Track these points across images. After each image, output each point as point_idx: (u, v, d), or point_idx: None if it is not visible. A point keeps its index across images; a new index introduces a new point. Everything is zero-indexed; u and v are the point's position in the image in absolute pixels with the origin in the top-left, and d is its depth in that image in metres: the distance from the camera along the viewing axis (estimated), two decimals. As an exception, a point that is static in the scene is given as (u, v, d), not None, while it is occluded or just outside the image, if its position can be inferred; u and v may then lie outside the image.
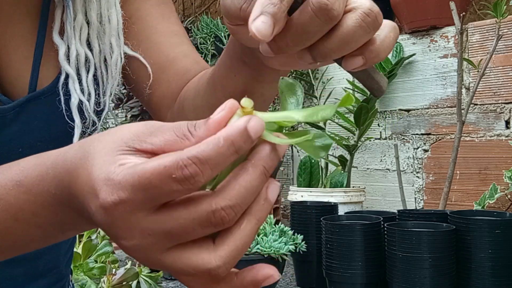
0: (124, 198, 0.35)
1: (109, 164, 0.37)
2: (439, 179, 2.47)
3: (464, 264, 1.63)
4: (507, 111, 2.28)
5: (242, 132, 0.36)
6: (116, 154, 0.37)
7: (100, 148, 0.39)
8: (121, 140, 0.38)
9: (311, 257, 2.00)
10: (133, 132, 0.38)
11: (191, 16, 4.78)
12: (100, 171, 0.37)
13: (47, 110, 0.67)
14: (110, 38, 0.70)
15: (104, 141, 0.39)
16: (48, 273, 0.76)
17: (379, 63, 2.63)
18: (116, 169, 0.36)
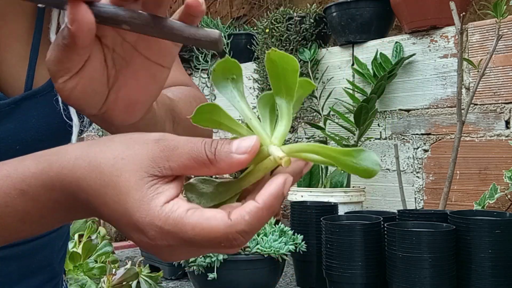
0: (174, 244, 0.40)
1: (147, 205, 0.40)
2: (439, 179, 2.47)
3: (464, 264, 1.63)
4: (507, 111, 2.28)
5: (281, 198, 0.39)
6: (146, 188, 0.40)
7: (124, 179, 0.41)
8: (141, 169, 0.40)
9: (311, 257, 2.00)
10: (150, 158, 0.41)
11: (191, 16, 4.76)
12: (142, 213, 0.40)
13: (44, 109, 0.68)
14: None
15: (125, 170, 0.41)
16: (43, 270, 0.77)
17: (379, 63, 2.64)
18: (160, 215, 0.39)
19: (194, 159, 0.40)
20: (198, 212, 0.39)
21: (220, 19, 3.78)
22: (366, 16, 2.76)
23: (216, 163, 0.40)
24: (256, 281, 1.81)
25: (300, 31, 3.00)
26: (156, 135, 0.42)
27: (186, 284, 2.14)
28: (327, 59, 2.99)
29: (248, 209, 0.38)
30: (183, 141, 0.41)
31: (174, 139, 0.41)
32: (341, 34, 2.85)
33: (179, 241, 0.39)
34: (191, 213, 0.39)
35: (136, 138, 0.42)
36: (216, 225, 0.38)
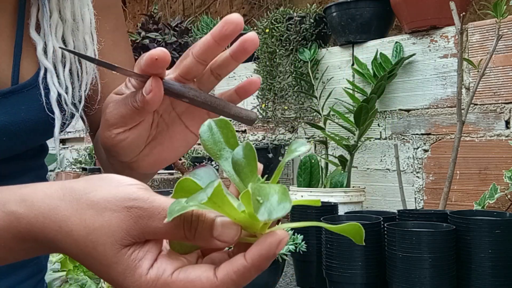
0: None
1: (132, 276, 0.39)
2: (439, 179, 2.47)
3: (464, 264, 1.63)
4: (507, 111, 2.28)
5: (271, 258, 0.38)
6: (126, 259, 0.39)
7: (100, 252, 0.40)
8: (116, 242, 0.39)
9: (311, 257, 2.00)
10: (124, 230, 0.39)
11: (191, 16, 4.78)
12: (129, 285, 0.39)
13: (31, 102, 0.70)
14: (84, 35, 0.74)
15: (99, 243, 0.40)
16: (30, 263, 0.78)
17: (379, 63, 2.64)
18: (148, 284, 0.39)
19: (171, 236, 0.39)
20: (182, 274, 0.38)
21: (220, 19, 3.77)
22: (366, 16, 2.76)
23: (194, 242, 0.39)
24: (256, 281, 1.80)
25: (300, 31, 3.00)
26: (125, 198, 0.40)
27: None
28: (327, 59, 2.99)
29: (235, 268, 0.38)
30: (156, 207, 0.39)
31: (147, 206, 0.39)
32: (341, 34, 2.85)
33: None
34: (176, 276, 0.38)
35: (104, 202, 0.40)
36: (201, 287, 0.38)
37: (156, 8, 4.47)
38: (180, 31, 3.95)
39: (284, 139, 3.11)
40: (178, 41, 3.87)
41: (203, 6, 4.98)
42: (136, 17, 5.73)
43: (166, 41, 3.85)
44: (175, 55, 3.83)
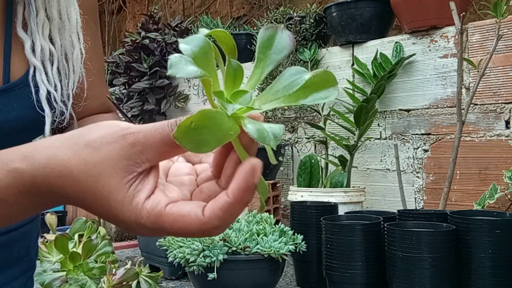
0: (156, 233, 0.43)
1: (129, 205, 0.42)
2: (439, 179, 2.47)
3: (464, 264, 1.63)
4: (507, 111, 2.28)
5: (251, 189, 0.40)
6: (127, 188, 0.42)
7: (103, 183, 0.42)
8: (120, 170, 0.42)
9: (311, 257, 2.00)
10: (125, 157, 0.41)
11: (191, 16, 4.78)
12: (126, 213, 0.42)
13: (23, 100, 0.71)
14: (71, 34, 0.75)
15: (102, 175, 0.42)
16: (21, 261, 0.79)
17: (379, 63, 2.64)
18: (142, 213, 0.41)
19: (167, 144, 0.41)
20: (175, 207, 0.41)
21: (220, 19, 3.78)
22: (366, 16, 2.76)
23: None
24: (256, 281, 1.81)
25: (300, 31, 3.00)
26: (119, 130, 0.42)
27: (186, 284, 2.14)
28: (327, 59, 2.99)
29: (220, 204, 0.40)
30: (150, 129, 0.41)
31: (139, 129, 0.42)
32: (341, 34, 2.85)
33: (161, 233, 0.42)
34: (169, 209, 0.41)
35: (100, 138, 0.42)
36: (190, 223, 0.40)
37: (156, 8, 4.47)
38: (180, 31, 3.95)
39: (284, 139, 3.11)
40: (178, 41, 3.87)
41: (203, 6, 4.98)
42: (136, 17, 5.73)
43: (166, 41, 3.85)
44: (175, 55, 3.83)
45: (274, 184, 2.84)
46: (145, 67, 3.85)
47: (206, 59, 0.40)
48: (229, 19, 4.37)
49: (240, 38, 3.53)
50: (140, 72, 3.89)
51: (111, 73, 4.34)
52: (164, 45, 3.84)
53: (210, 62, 0.40)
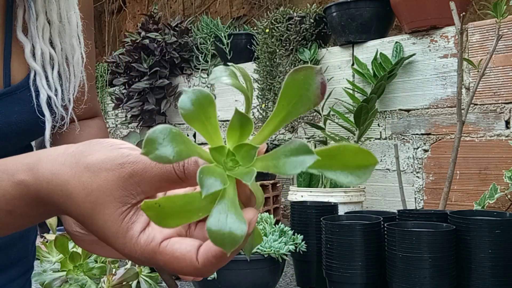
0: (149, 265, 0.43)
1: (123, 238, 0.41)
2: (439, 179, 2.47)
3: (464, 264, 1.63)
4: (507, 111, 2.28)
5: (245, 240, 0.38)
6: (120, 220, 0.41)
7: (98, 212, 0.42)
8: (114, 200, 0.41)
9: (311, 257, 2.00)
10: (121, 187, 0.41)
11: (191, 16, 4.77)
12: (120, 245, 0.42)
13: (24, 104, 0.71)
14: (71, 38, 0.75)
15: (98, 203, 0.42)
16: (19, 262, 0.80)
17: (379, 63, 2.64)
18: (136, 247, 0.41)
19: (165, 180, 0.41)
20: (169, 247, 0.40)
21: (220, 19, 3.78)
22: (366, 16, 2.76)
23: (186, 180, 0.41)
24: (256, 281, 1.81)
25: (300, 31, 3.00)
26: (118, 156, 0.42)
27: (186, 284, 2.14)
28: (327, 59, 2.99)
29: (214, 252, 0.39)
30: (149, 162, 0.40)
31: (138, 160, 0.41)
32: (341, 34, 2.85)
33: (156, 266, 0.42)
34: (163, 248, 0.40)
35: (99, 163, 0.42)
36: (185, 266, 0.40)
37: (156, 8, 4.47)
38: (180, 31, 3.95)
39: (284, 139, 3.11)
40: (178, 41, 3.87)
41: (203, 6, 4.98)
42: (136, 17, 5.73)
43: (166, 41, 3.85)
44: (175, 55, 3.83)
45: (274, 184, 2.84)
46: (145, 67, 3.85)
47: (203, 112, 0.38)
48: (229, 19, 4.37)
49: (240, 38, 3.53)
50: (140, 72, 3.89)
51: (111, 73, 4.34)
52: (164, 45, 3.84)
53: (208, 115, 0.38)
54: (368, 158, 0.36)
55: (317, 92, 0.37)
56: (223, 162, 0.37)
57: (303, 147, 0.35)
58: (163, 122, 4.02)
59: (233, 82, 0.38)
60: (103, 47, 6.05)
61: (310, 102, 0.38)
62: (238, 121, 0.37)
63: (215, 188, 0.35)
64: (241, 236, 0.35)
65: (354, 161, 0.36)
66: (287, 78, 0.37)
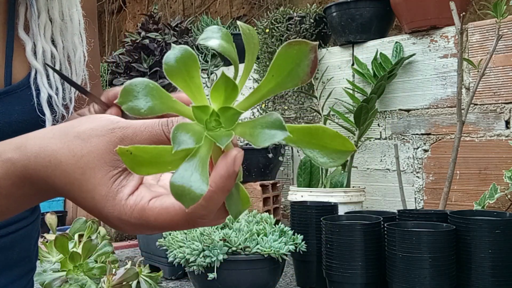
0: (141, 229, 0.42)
1: (113, 200, 0.41)
2: (439, 179, 2.47)
3: (464, 264, 1.63)
4: (507, 111, 2.28)
5: (232, 176, 0.39)
6: (111, 183, 0.41)
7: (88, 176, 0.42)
8: (105, 164, 0.41)
9: (311, 257, 2.00)
10: (111, 151, 0.41)
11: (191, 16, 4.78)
12: (109, 208, 0.42)
13: (25, 103, 0.71)
14: (73, 36, 0.75)
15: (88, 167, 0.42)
16: (21, 262, 0.79)
17: (379, 63, 2.64)
18: (125, 209, 0.41)
19: (154, 142, 0.41)
20: (158, 201, 0.41)
21: (220, 19, 3.78)
22: (366, 16, 2.76)
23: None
24: (256, 281, 1.81)
25: (300, 31, 3.00)
26: (108, 123, 0.42)
27: (186, 284, 2.14)
28: (327, 59, 2.99)
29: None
30: (139, 125, 0.41)
31: (128, 125, 0.42)
32: (341, 34, 2.85)
33: (145, 228, 0.42)
34: (152, 203, 0.41)
35: (89, 130, 0.42)
36: (175, 214, 0.40)
37: (156, 8, 4.47)
38: (180, 31, 3.95)
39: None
40: (178, 41, 3.87)
41: (203, 6, 4.98)
42: (136, 17, 5.73)
43: (166, 41, 3.85)
44: (175, 55, 3.83)
45: (274, 184, 2.84)
46: (145, 67, 3.85)
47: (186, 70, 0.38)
48: (229, 19, 4.37)
49: (240, 38, 3.48)
50: (140, 72, 3.89)
51: (111, 73, 4.34)
52: (164, 45, 3.84)
53: (191, 74, 0.38)
54: (345, 144, 0.37)
55: (307, 69, 0.37)
56: (206, 121, 0.38)
57: (277, 121, 0.36)
58: (163, 122, 4.02)
59: (221, 46, 0.38)
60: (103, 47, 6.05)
61: (299, 79, 0.38)
62: (224, 84, 0.37)
63: (185, 146, 0.36)
64: (199, 195, 0.35)
65: (332, 144, 0.37)
66: (280, 49, 0.37)
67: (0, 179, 0.44)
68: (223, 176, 0.39)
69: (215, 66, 3.67)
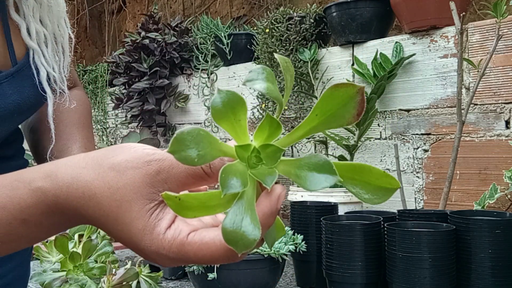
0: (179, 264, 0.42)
1: (150, 234, 0.41)
2: (439, 179, 2.47)
3: (464, 264, 1.63)
4: (507, 111, 2.28)
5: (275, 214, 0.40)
6: (148, 216, 0.41)
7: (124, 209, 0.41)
8: (142, 197, 0.41)
9: (311, 257, 2.00)
10: (148, 184, 0.41)
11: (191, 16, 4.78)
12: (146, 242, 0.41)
13: (29, 81, 0.74)
14: (59, 19, 0.77)
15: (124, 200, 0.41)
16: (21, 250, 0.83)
17: (379, 63, 2.64)
18: (163, 243, 0.40)
19: (191, 176, 0.41)
20: (198, 236, 0.40)
21: (220, 19, 3.78)
22: (366, 16, 2.76)
23: (213, 175, 0.41)
24: (256, 281, 1.81)
25: (300, 31, 3.00)
26: (144, 155, 0.41)
27: (186, 284, 2.14)
28: (327, 59, 2.99)
29: None
30: (177, 161, 0.40)
31: (165, 157, 0.41)
32: (341, 34, 2.85)
33: (183, 262, 0.41)
34: (191, 238, 0.40)
35: (125, 162, 0.42)
36: (215, 250, 0.40)
37: (156, 8, 4.46)
38: (180, 31, 3.95)
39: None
40: (178, 41, 3.87)
41: (203, 6, 4.98)
42: (136, 17, 5.73)
43: (166, 41, 3.85)
44: (175, 55, 3.83)
45: (274, 184, 2.84)
46: (145, 67, 3.85)
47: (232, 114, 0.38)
48: (229, 19, 4.37)
49: (240, 38, 3.53)
50: (140, 72, 3.89)
51: (111, 73, 4.34)
52: (164, 45, 3.84)
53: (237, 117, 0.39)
54: (391, 182, 0.38)
55: (353, 111, 0.37)
56: (247, 158, 0.38)
57: (327, 165, 0.36)
58: (163, 122, 4.02)
59: (267, 89, 0.38)
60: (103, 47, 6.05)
61: (344, 120, 0.38)
62: (268, 123, 0.38)
63: (234, 190, 0.36)
64: (253, 240, 0.36)
65: (377, 182, 0.38)
66: (326, 91, 0.38)
67: (30, 208, 0.43)
68: (266, 213, 0.39)
69: (215, 66, 3.67)
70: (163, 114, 3.98)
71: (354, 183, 0.38)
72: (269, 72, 0.39)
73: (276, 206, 0.40)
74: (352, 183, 0.38)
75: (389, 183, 0.38)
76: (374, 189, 0.38)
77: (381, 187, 0.38)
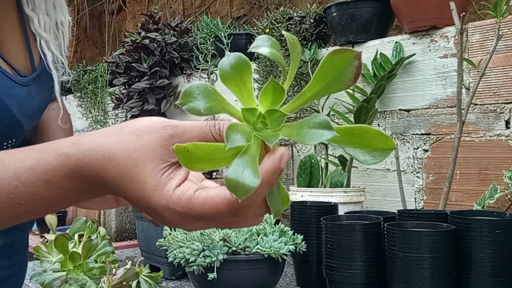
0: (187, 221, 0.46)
1: (161, 190, 0.45)
2: (439, 179, 2.47)
3: (464, 264, 1.63)
4: (507, 111, 2.28)
5: (278, 172, 0.43)
6: (160, 174, 0.45)
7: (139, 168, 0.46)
8: (156, 157, 0.46)
9: (311, 257, 2.00)
10: (163, 146, 0.46)
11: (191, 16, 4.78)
12: (157, 197, 0.45)
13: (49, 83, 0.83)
14: (62, 7, 0.87)
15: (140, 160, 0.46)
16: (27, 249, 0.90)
17: (379, 63, 2.64)
18: (172, 198, 0.45)
19: (202, 140, 0.45)
20: (204, 191, 0.45)
21: (220, 19, 3.77)
22: (366, 16, 2.76)
23: (222, 140, 0.45)
24: (256, 281, 1.81)
25: (300, 31, 3.00)
26: (160, 121, 0.47)
27: (186, 284, 2.14)
28: (327, 59, 2.99)
29: None
30: (189, 125, 0.46)
31: (179, 124, 0.46)
32: (341, 34, 2.85)
33: (190, 218, 0.45)
34: (198, 193, 0.45)
35: (143, 127, 0.47)
36: (220, 203, 0.43)
37: (156, 8, 4.46)
38: (180, 31, 3.95)
39: (284, 139, 3.11)
40: (178, 41, 3.87)
41: (203, 6, 4.98)
42: (136, 17, 5.72)
43: (166, 41, 3.85)
44: (175, 55, 3.83)
45: (274, 184, 2.84)
46: (145, 67, 3.85)
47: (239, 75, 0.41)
48: (229, 19, 4.37)
49: (240, 38, 3.53)
50: (140, 72, 3.89)
51: (111, 73, 4.34)
52: (164, 45, 3.84)
53: (243, 79, 0.41)
54: (386, 142, 0.40)
55: (351, 75, 0.40)
56: (253, 123, 0.41)
57: (325, 122, 0.39)
58: (163, 122, 4.02)
59: (271, 53, 0.40)
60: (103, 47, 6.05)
61: (343, 84, 0.41)
62: (272, 88, 0.41)
63: (238, 143, 0.39)
64: (252, 187, 0.39)
65: (373, 142, 0.40)
66: (326, 57, 0.41)
67: (54, 170, 0.48)
68: (269, 170, 0.42)
69: (215, 66, 3.67)
70: (163, 114, 3.97)
71: (353, 146, 0.41)
72: (274, 41, 0.42)
73: (279, 165, 0.42)
74: (351, 146, 0.41)
75: (385, 144, 0.40)
76: (371, 150, 0.41)
77: (377, 148, 0.40)
